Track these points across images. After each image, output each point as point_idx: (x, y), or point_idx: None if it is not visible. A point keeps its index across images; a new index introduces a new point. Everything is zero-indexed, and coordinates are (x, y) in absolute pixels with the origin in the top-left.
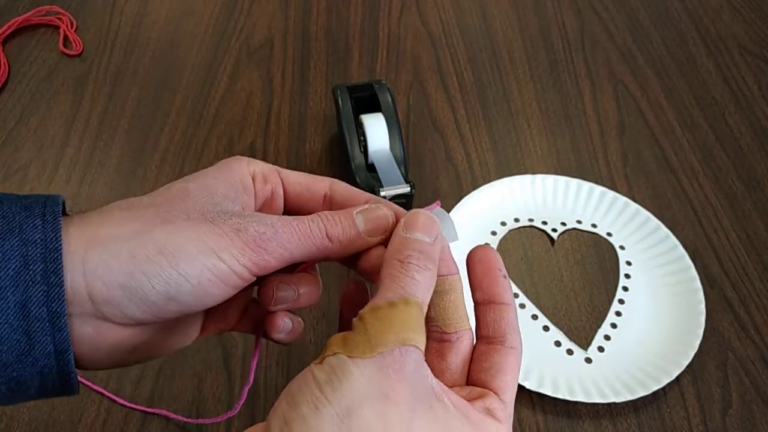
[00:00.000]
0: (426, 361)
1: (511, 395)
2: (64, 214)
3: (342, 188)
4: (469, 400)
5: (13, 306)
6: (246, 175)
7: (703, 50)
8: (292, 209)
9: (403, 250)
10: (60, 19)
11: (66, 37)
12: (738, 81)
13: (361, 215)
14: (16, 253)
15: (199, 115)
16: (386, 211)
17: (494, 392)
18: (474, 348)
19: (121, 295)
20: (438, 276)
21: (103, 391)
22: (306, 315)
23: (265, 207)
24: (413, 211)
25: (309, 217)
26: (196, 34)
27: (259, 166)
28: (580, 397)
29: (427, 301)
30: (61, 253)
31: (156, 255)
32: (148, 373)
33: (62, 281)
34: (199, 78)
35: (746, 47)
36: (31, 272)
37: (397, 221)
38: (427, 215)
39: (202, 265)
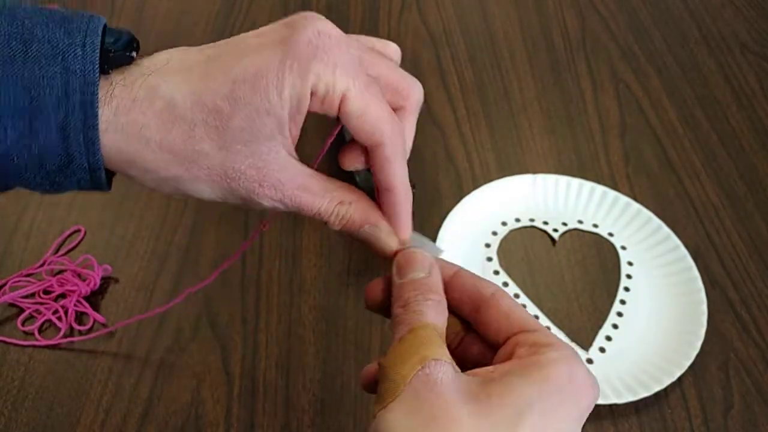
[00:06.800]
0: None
1: (534, 323)
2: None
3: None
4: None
5: (55, 129)
6: (302, 97)
7: (705, 49)
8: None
9: (402, 296)
10: None
11: None
12: (740, 80)
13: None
14: (59, 81)
15: None
16: (423, 262)
17: (521, 330)
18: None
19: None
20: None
21: (126, 322)
22: (306, 315)
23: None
24: (399, 254)
25: (324, 203)
26: (195, 33)
27: (328, 79)
28: None
29: (441, 321)
30: (97, 87)
31: (162, 169)
32: (146, 374)
33: (97, 112)
34: None
35: (748, 46)
36: (71, 101)
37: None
38: (409, 253)
39: (192, 189)
